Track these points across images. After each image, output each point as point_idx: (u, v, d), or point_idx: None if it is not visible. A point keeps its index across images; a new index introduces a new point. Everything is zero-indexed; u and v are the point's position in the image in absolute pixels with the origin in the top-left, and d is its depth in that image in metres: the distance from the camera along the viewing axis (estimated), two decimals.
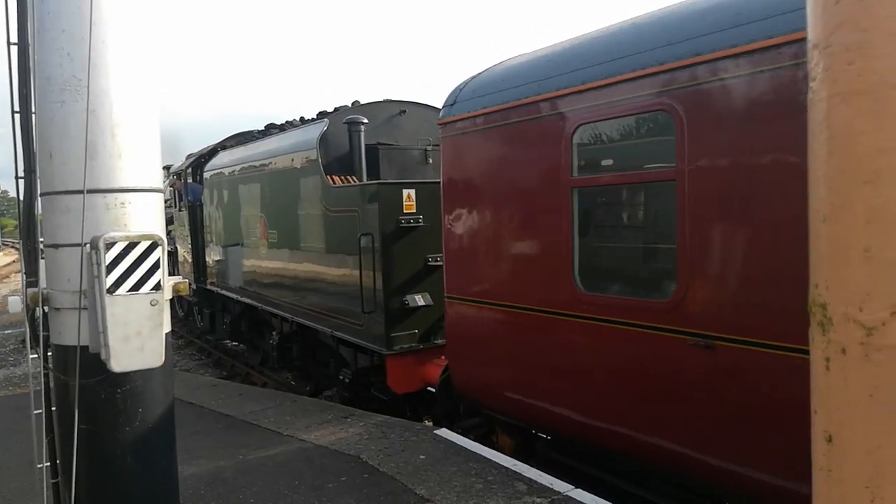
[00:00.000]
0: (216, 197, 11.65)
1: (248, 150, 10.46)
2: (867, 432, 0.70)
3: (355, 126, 8.01)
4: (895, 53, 0.66)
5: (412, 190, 6.79)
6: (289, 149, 8.78)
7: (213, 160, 12.04)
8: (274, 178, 9.18)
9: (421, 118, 8.69)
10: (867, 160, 0.69)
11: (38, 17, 2.95)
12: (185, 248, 13.62)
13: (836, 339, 0.72)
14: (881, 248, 0.68)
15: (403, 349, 6.79)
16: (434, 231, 6.37)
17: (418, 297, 6.80)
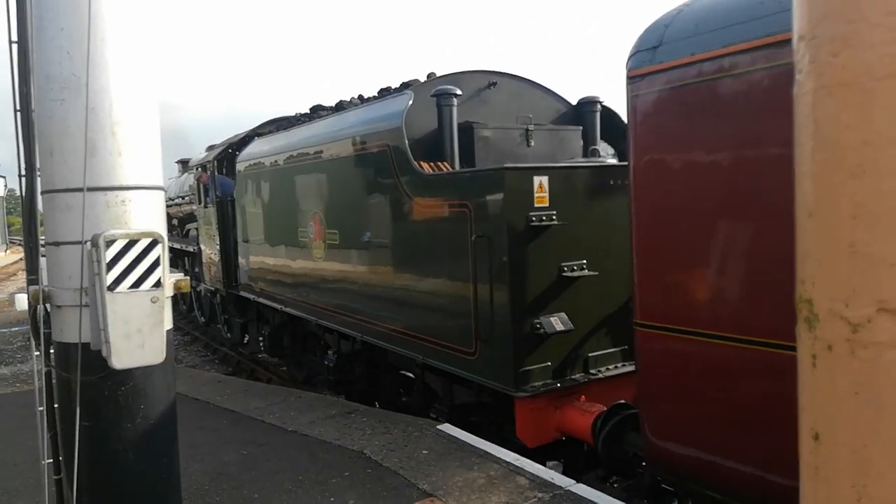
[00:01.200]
0: (252, 191, 10.02)
1: (294, 136, 8.82)
2: (853, 430, 0.69)
3: (446, 100, 6.26)
4: (881, 44, 0.65)
5: (545, 177, 5.11)
6: (358, 130, 7.03)
7: (247, 149, 10.43)
8: (335, 167, 7.48)
9: (512, 92, 6.98)
10: (853, 154, 0.68)
11: (36, 16, 2.95)
12: (212, 249, 11.78)
13: (823, 335, 0.71)
14: (867, 244, 0.66)
15: (537, 389, 5.06)
16: (570, 231, 5.12)
17: (555, 320, 5.09)
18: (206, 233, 12.01)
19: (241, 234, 10.60)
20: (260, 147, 9.96)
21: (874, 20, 0.65)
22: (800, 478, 0.77)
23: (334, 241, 7.54)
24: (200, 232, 12.52)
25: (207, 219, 11.87)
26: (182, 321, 15.67)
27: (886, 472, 0.67)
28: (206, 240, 12.17)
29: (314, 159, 7.96)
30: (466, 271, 5.34)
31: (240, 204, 10.55)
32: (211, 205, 11.45)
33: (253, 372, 10.77)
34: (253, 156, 10.03)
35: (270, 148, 9.48)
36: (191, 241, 14.35)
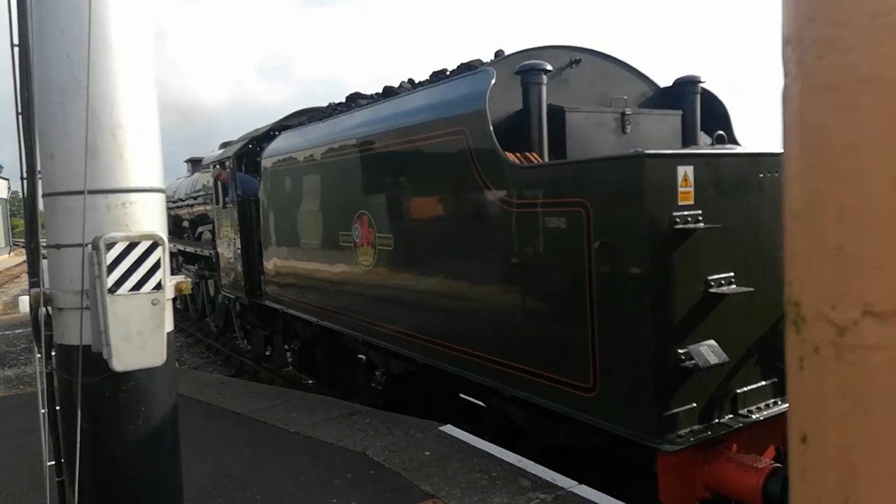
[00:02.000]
0: (281, 189, 8.93)
1: (334, 126, 7.70)
2: (840, 433, 0.69)
3: (535, 76, 5.17)
4: (865, 47, 0.65)
5: (690, 167, 3.97)
6: (422, 117, 5.92)
7: (273, 144, 9.39)
8: (390, 161, 6.39)
9: (596, 71, 5.98)
10: (839, 156, 0.68)
11: (37, 19, 2.97)
12: (231, 254, 10.65)
13: (810, 338, 0.72)
14: (853, 246, 0.67)
15: (685, 440, 3.90)
16: (718, 237, 4.01)
17: (706, 350, 3.96)
18: (225, 235, 10.89)
19: (266, 237, 9.51)
20: (289, 141, 8.87)
21: (859, 23, 0.65)
22: (789, 481, 0.77)
23: (387, 247, 6.39)
24: (218, 234, 11.38)
25: (226, 220, 10.79)
26: (192, 327, 15.63)
27: (873, 474, 0.67)
28: (224, 243, 11.04)
29: (362, 152, 6.85)
30: (581, 286, 4.20)
31: (265, 204, 9.48)
32: (231, 205, 10.40)
33: (256, 373, 10.79)
34: (281, 150, 8.97)
35: (303, 141, 8.38)
36: (204, 244, 13.65)
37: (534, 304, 4.74)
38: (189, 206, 15.28)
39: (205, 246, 13.53)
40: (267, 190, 9.41)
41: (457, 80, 5.82)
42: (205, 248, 13.34)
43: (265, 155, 9.46)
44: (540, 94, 5.17)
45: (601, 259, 4.09)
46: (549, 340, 4.57)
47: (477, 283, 5.28)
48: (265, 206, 9.50)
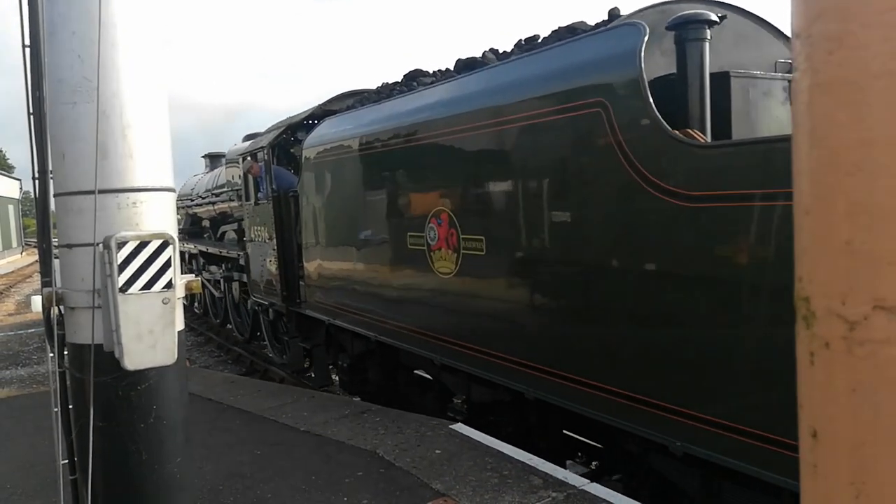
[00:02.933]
0: (327, 183, 7.83)
1: (395, 109, 6.61)
2: (851, 428, 0.69)
3: (695, 31, 4.05)
4: (875, 43, 0.65)
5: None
6: (537, 88, 4.70)
7: (317, 131, 8.30)
8: (480, 146, 5.24)
9: (737, 33, 4.67)
10: (848, 152, 0.68)
11: (48, 20, 2.99)
12: (264, 255, 9.63)
13: (820, 333, 0.71)
14: (863, 242, 0.66)
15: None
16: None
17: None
18: (257, 235, 9.83)
19: (307, 237, 8.42)
20: (337, 127, 7.71)
21: (868, 19, 0.65)
22: (800, 476, 0.77)
23: (476, 251, 5.26)
24: (248, 234, 10.34)
25: (258, 219, 9.74)
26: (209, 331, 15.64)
27: (884, 469, 0.67)
28: (255, 243, 10.00)
29: (440, 138, 5.67)
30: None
31: (306, 200, 8.32)
32: (265, 201, 9.39)
33: (266, 372, 10.83)
34: (327, 138, 7.78)
35: (355, 127, 7.23)
36: (229, 245, 12.86)
37: (725, 331, 3.51)
38: (210, 203, 14.25)
39: (230, 246, 12.68)
40: (309, 184, 8.25)
41: (586, 39, 4.52)
42: (231, 248, 12.38)
43: (307, 144, 8.29)
44: (702, 53, 4.02)
45: None
46: (751, 382, 3.38)
47: (618, 302, 4.11)
48: (307, 202, 8.35)
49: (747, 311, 3.41)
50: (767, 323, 3.28)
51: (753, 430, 3.36)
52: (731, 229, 3.42)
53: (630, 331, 4.05)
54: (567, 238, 4.52)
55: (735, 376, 3.46)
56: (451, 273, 5.60)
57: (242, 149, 10.83)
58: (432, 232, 5.85)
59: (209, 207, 14.47)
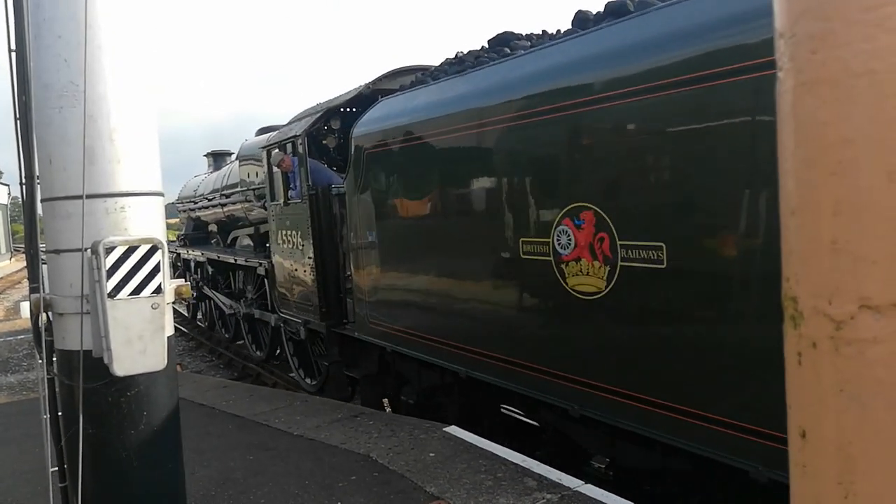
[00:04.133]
0: (390, 176, 6.40)
1: (493, 78, 5.19)
2: (838, 427, 0.69)
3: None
4: (858, 41, 0.65)
5: None
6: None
7: (370, 114, 6.71)
8: (651, 120, 3.76)
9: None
10: (833, 151, 0.68)
11: (33, 24, 2.97)
12: (296, 265, 8.23)
13: (807, 333, 0.71)
14: (848, 241, 0.66)
15: None
16: None
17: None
18: (287, 241, 8.39)
19: (358, 244, 6.96)
20: (404, 106, 6.20)
21: (851, 17, 0.65)
22: (790, 476, 0.77)
23: (648, 264, 3.75)
24: (274, 239, 8.87)
25: (288, 222, 8.30)
26: (192, 328, 15.60)
27: (871, 468, 0.67)
28: (284, 250, 8.53)
29: (575, 111, 4.24)
30: None
31: (360, 198, 6.77)
32: (298, 201, 7.96)
33: (258, 376, 10.79)
34: (390, 123, 6.29)
35: (435, 105, 5.74)
36: (243, 252, 11.35)
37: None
38: (218, 206, 12.54)
39: (246, 254, 11.03)
40: (364, 178, 6.68)
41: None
42: (249, 256, 10.59)
43: (359, 132, 6.71)
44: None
45: None
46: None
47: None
48: (359, 200, 6.79)
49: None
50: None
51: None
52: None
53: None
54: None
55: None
56: (598, 293, 4.10)
57: (264, 140, 9.41)
58: (564, 237, 4.34)
59: (216, 210, 12.74)
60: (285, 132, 8.55)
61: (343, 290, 7.71)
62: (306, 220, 7.81)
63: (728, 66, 3.28)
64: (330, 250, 7.75)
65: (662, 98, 3.66)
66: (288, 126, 8.75)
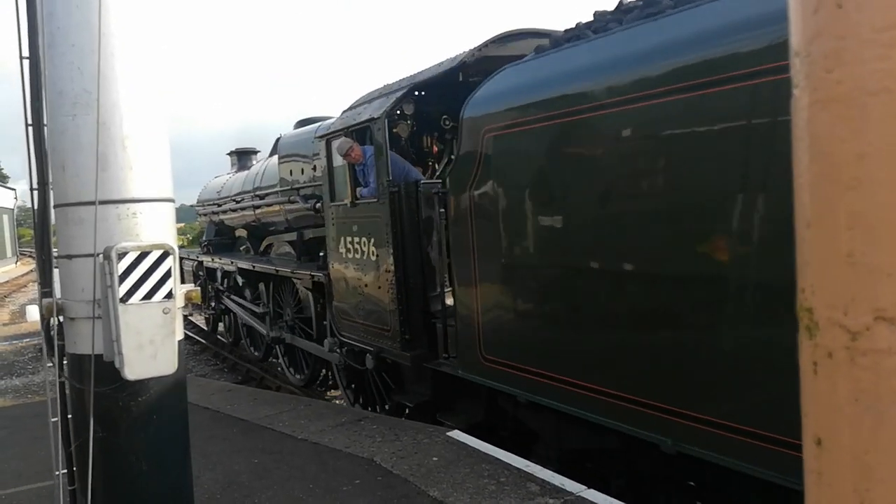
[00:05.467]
0: (524, 169, 4.79)
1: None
2: (854, 436, 0.71)
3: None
4: (872, 60, 0.67)
5: None
6: None
7: (489, 88, 5.16)
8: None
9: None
10: (848, 166, 0.70)
11: (48, 32, 3.01)
12: (367, 278, 6.74)
13: (823, 343, 0.73)
14: (863, 254, 0.69)
15: None
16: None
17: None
18: (353, 249, 6.92)
19: (467, 255, 5.30)
20: (548, 70, 4.63)
21: (865, 37, 0.68)
22: (804, 483, 0.79)
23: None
24: (335, 247, 7.35)
25: (356, 226, 6.84)
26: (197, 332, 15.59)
27: (887, 476, 0.69)
28: (348, 261, 7.06)
29: None
30: None
31: (473, 195, 5.14)
32: (373, 200, 6.46)
33: (262, 380, 10.81)
34: (523, 94, 4.74)
35: (597, 65, 4.19)
36: (280, 262, 9.88)
37: None
38: (248, 208, 11.04)
39: (281, 263, 9.78)
40: (479, 169, 5.09)
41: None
42: (298, 267, 8.93)
43: (473, 110, 5.16)
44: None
45: None
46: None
47: None
48: (471, 197, 5.17)
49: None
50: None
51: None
52: None
53: None
54: None
55: None
56: None
57: (308, 133, 8.40)
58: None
59: (246, 213, 11.24)
60: (353, 116, 6.96)
61: (435, 314, 6.12)
62: (384, 223, 6.27)
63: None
64: (414, 262, 6.17)
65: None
66: (352, 111, 7.20)
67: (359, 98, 7.45)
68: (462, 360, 5.61)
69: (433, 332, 6.20)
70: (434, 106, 7.20)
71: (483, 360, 5.29)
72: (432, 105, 7.00)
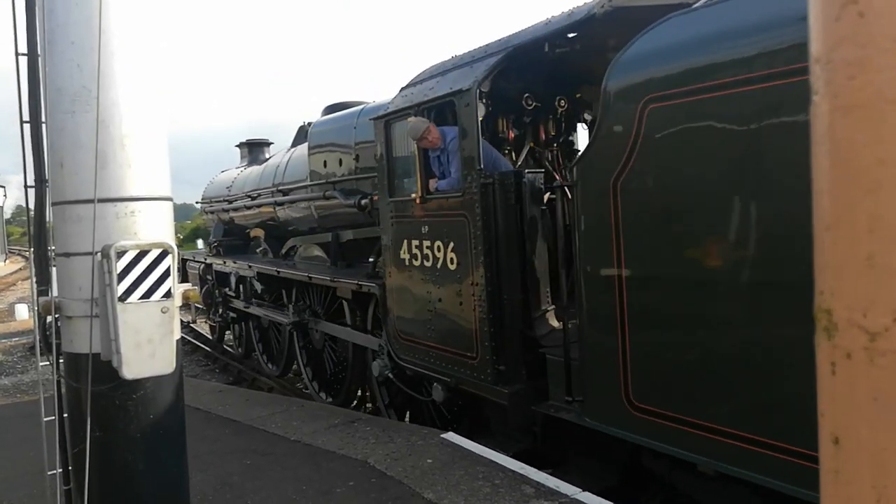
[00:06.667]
0: (712, 149, 3.40)
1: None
2: (872, 435, 0.73)
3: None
4: (890, 68, 0.69)
5: None
6: None
7: (649, 45, 3.77)
8: None
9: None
10: (868, 171, 0.71)
11: (47, 30, 3.00)
12: (441, 290, 5.56)
13: (842, 344, 0.75)
14: (883, 256, 0.70)
15: None
16: None
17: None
18: (420, 254, 5.71)
19: (617, 268, 3.93)
20: (746, 14, 3.35)
21: (885, 45, 0.69)
22: (820, 481, 0.81)
23: None
24: (394, 251, 6.08)
25: (427, 227, 5.63)
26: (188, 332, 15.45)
27: None
28: (415, 268, 5.82)
29: None
30: None
31: (623, 188, 3.86)
32: (457, 195, 5.24)
33: (254, 381, 10.77)
34: (706, 51, 3.46)
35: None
36: (312, 267, 8.63)
37: None
38: (268, 205, 9.97)
39: (302, 268, 8.67)
40: (635, 151, 3.79)
41: None
42: (340, 273, 7.64)
43: (625, 76, 3.91)
44: None
45: None
46: None
47: None
48: (618, 194, 3.90)
49: None
50: None
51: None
52: None
53: None
54: None
55: None
56: None
57: (349, 118, 7.55)
58: None
59: (264, 210, 10.24)
60: (423, 92, 5.66)
61: (539, 340, 4.95)
62: (471, 223, 5.08)
63: None
64: (512, 274, 4.97)
65: None
66: (417, 87, 5.94)
67: (418, 75, 6.21)
68: (593, 406, 4.23)
69: (536, 362, 4.93)
70: (513, 83, 5.83)
71: (631, 407, 3.91)
72: (511, 81, 5.70)
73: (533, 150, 6.37)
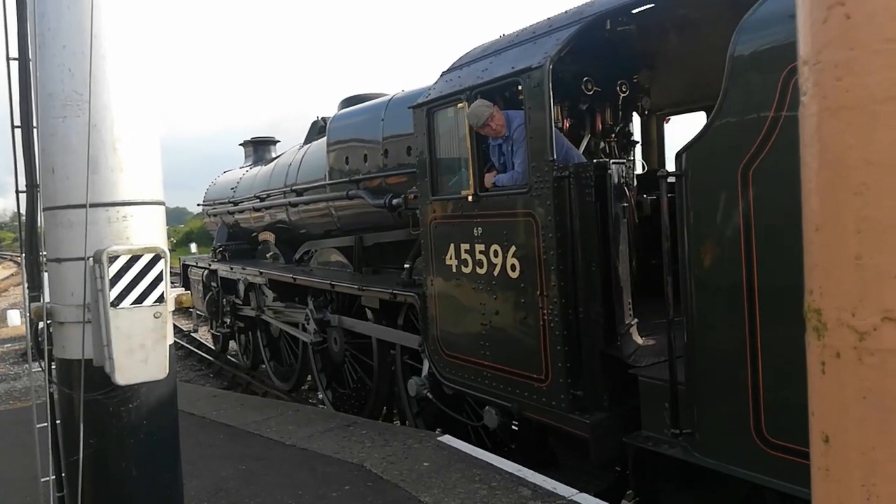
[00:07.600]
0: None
1: None
2: (861, 433, 0.73)
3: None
4: (881, 70, 0.69)
5: None
6: None
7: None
8: None
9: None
10: (856, 172, 0.72)
11: (39, 34, 2.99)
12: (497, 303, 4.81)
13: (831, 343, 0.75)
14: (871, 256, 0.71)
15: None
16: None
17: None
18: (471, 259, 5.00)
19: (748, 277, 3.22)
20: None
21: (874, 47, 0.70)
22: (811, 479, 0.81)
23: None
24: (437, 256, 5.39)
25: (480, 228, 4.90)
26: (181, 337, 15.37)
27: (894, 472, 0.71)
28: (464, 276, 5.11)
29: None
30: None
31: (758, 177, 3.14)
32: (521, 191, 4.53)
33: (248, 386, 10.73)
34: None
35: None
36: (331, 274, 7.83)
37: None
38: (274, 208, 9.40)
39: (320, 275, 7.86)
40: (775, 138, 3.06)
41: None
42: (367, 282, 6.84)
43: (754, 37, 3.17)
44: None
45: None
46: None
47: None
48: (749, 187, 3.24)
49: None
50: None
51: None
52: None
53: None
54: None
55: None
56: None
57: (377, 108, 6.99)
58: None
59: (274, 212, 9.51)
60: (476, 74, 4.91)
61: (627, 360, 4.14)
62: (540, 224, 4.39)
63: None
64: (591, 283, 4.26)
65: None
66: (466, 70, 5.14)
67: (461, 57, 5.40)
68: (708, 441, 3.59)
69: (618, 386, 4.31)
70: (568, 65, 5.20)
71: (763, 443, 3.29)
72: (568, 64, 5.06)
73: (588, 141, 5.70)
